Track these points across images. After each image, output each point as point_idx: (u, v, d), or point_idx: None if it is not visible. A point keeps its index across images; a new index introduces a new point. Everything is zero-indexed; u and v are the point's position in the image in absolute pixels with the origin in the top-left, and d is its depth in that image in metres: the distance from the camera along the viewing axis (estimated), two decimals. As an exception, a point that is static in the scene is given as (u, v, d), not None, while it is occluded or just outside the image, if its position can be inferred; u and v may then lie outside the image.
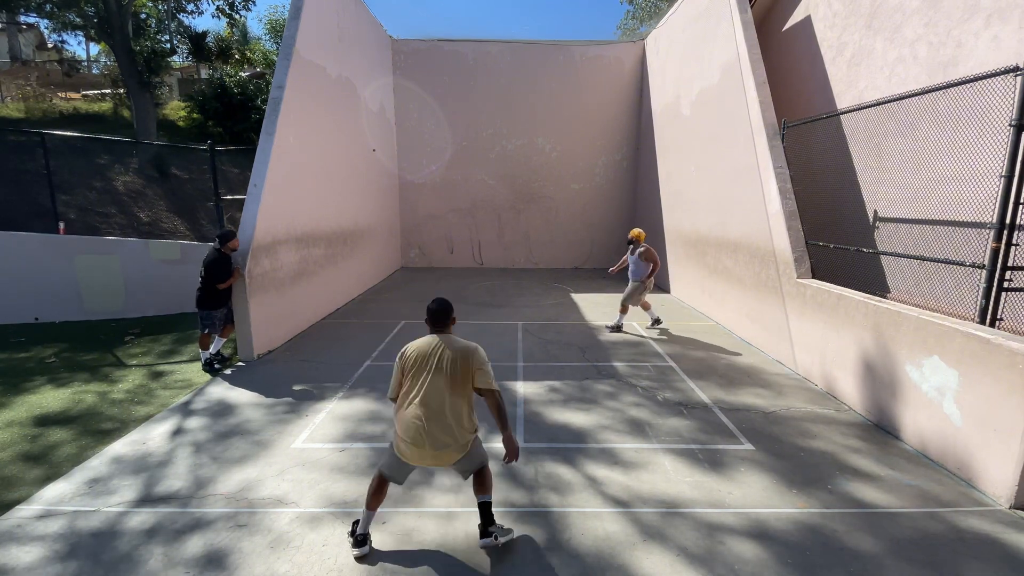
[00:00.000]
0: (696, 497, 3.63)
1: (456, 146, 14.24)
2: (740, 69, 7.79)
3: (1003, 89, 4.36)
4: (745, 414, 5.00)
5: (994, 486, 3.60)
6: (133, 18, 15.86)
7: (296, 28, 7.88)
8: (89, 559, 2.97)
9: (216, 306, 6.16)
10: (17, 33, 26.09)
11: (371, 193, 11.80)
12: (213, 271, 6.02)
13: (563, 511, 3.46)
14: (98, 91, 20.21)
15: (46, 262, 8.20)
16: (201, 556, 3.00)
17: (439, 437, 2.87)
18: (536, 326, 8.23)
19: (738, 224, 7.89)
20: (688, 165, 10.24)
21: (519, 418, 4.88)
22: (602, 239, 14.80)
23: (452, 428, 2.90)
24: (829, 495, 3.67)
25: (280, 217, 7.37)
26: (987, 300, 4.35)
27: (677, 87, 10.96)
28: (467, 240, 14.81)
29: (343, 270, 9.87)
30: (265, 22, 33.09)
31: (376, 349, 7.01)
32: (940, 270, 5.29)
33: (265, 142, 7.14)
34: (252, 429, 4.63)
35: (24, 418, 4.88)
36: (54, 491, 3.66)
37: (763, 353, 6.89)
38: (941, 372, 4.04)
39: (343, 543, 3.11)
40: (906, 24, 6.24)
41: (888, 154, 6.24)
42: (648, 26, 21.62)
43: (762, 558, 3.03)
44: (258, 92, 16.43)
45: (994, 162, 4.53)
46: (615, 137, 14.33)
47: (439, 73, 13.79)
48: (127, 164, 13.43)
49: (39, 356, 6.67)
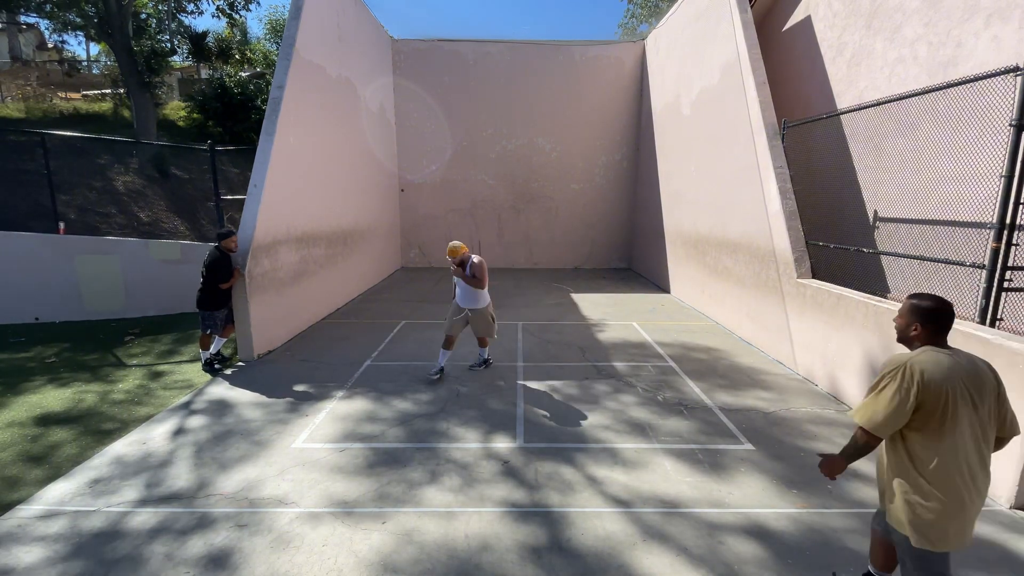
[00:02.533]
0: (696, 497, 3.64)
1: (456, 146, 14.24)
2: (740, 69, 7.79)
3: (1003, 89, 4.36)
4: (745, 414, 5.00)
5: (994, 487, 3.60)
6: (133, 18, 15.85)
7: (296, 28, 7.88)
8: (91, 559, 2.98)
9: (218, 307, 6.15)
10: (17, 33, 26.09)
11: (371, 193, 11.80)
12: (215, 271, 6.01)
13: (563, 511, 3.46)
14: (98, 91, 20.21)
15: (46, 262, 8.20)
16: (202, 556, 3.00)
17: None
18: (536, 326, 8.24)
19: (738, 224, 7.89)
20: (688, 165, 10.25)
21: (519, 418, 4.88)
22: (602, 239, 14.80)
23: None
24: (829, 495, 3.67)
25: (280, 217, 7.37)
26: (987, 300, 4.36)
27: (677, 87, 10.96)
28: (467, 240, 14.78)
29: (343, 270, 9.87)
30: (265, 22, 33.10)
31: (376, 349, 7.01)
32: (940, 270, 5.29)
33: (265, 142, 7.14)
34: (252, 429, 4.63)
35: (25, 418, 4.88)
36: (55, 491, 3.67)
37: (763, 353, 6.90)
38: (941, 372, 4.04)
39: (343, 543, 3.12)
40: (906, 24, 6.24)
41: (888, 154, 6.24)
42: (648, 25, 21.62)
43: (762, 558, 3.03)
44: (258, 92, 16.43)
45: (994, 162, 4.54)
46: (615, 137, 14.33)
47: (439, 73, 13.80)
48: (127, 164, 13.42)
49: (39, 356, 6.67)
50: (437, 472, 3.92)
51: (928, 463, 2.10)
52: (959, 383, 2.05)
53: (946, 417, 2.05)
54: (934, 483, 2.09)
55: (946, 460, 2.07)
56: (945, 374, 2.05)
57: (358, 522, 3.32)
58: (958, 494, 2.07)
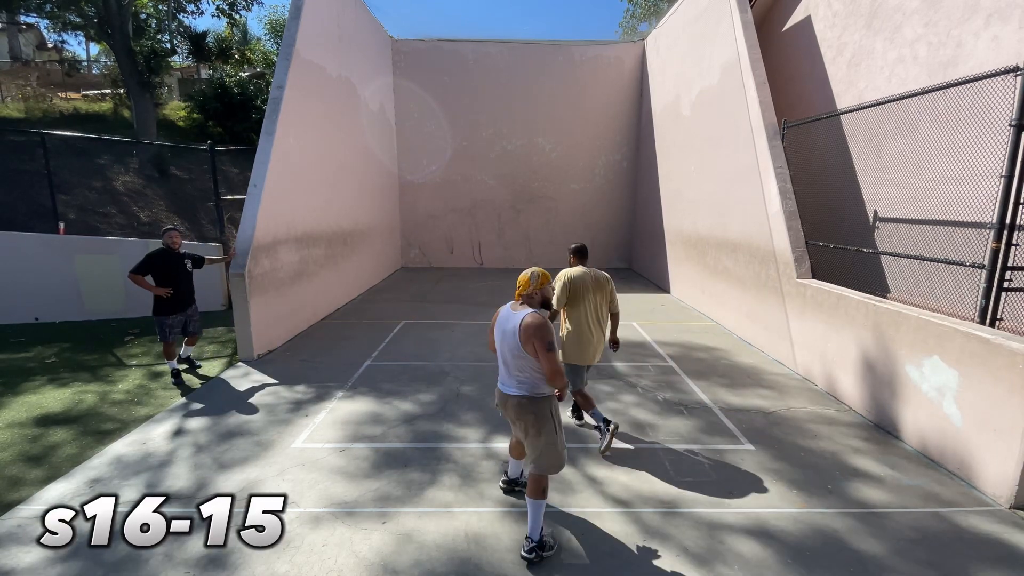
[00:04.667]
0: (697, 497, 3.63)
1: (456, 146, 14.24)
2: (740, 69, 7.79)
3: (1003, 89, 4.37)
4: (745, 414, 5.00)
5: (994, 486, 3.61)
6: (133, 18, 15.84)
7: (296, 28, 7.88)
8: (90, 559, 2.98)
9: (166, 312, 5.62)
10: (17, 33, 26.07)
11: (371, 193, 11.80)
12: (137, 267, 5.45)
13: (564, 511, 3.46)
14: (98, 91, 20.20)
15: (46, 262, 8.20)
16: (202, 556, 3.00)
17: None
18: (536, 326, 8.22)
19: (738, 224, 7.89)
20: (688, 165, 10.25)
21: (519, 418, 4.88)
22: (602, 239, 14.80)
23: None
24: (829, 495, 3.67)
25: (280, 217, 7.37)
26: (987, 300, 4.36)
27: (677, 87, 10.96)
28: (467, 240, 14.81)
29: (343, 270, 9.87)
30: (265, 22, 33.09)
31: (376, 349, 7.01)
32: (940, 270, 5.30)
33: (265, 142, 7.14)
34: (252, 429, 4.63)
35: (24, 418, 4.88)
36: (55, 491, 3.67)
37: (763, 353, 6.90)
38: (941, 372, 4.05)
39: (343, 543, 3.12)
40: (906, 24, 6.24)
41: (888, 154, 6.24)
42: (648, 25, 21.61)
43: (763, 558, 3.03)
44: (258, 92, 16.42)
45: (994, 162, 4.54)
46: (615, 137, 14.33)
47: (439, 73, 13.80)
48: (127, 164, 13.42)
49: (39, 356, 6.67)
50: (438, 472, 3.92)
51: (572, 317, 4.23)
52: (588, 280, 4.18)
53: (579, 297, 4.16)
54: (572, 327, 4.24)
55: (579, 316, 4.19)
56: (581, 277, 4.18)
57: (358, 522, 3.32)
58: (583, 333, 4.20)
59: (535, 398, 2.97)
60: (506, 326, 2.94)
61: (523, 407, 2.97)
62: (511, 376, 2.98)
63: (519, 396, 2.97)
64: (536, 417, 2.95)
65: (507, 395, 3.03)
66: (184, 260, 5.78)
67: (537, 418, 2.95)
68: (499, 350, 3.04)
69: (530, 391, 2.96)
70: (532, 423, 2.95)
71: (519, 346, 2.84)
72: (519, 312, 2.91)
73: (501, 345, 3.00)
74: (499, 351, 3.04)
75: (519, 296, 3.01)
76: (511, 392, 3.00)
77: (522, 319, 2.83)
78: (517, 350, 2.86)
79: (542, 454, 2.97)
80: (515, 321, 2.87)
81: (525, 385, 2.95)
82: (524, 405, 2.96)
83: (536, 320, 2.81)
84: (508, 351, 2.93)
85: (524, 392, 2.96)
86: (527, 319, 2.82)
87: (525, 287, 2.98)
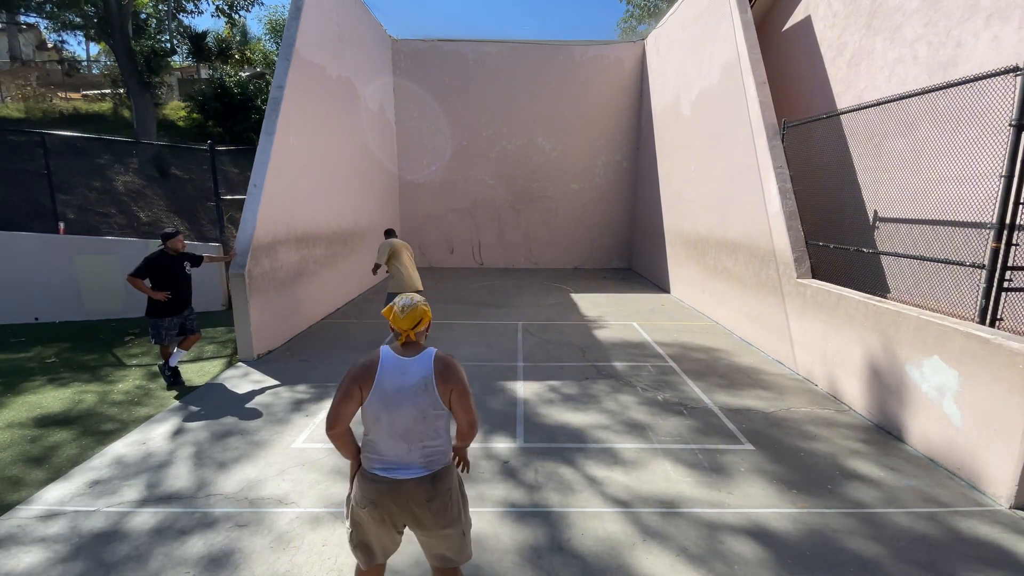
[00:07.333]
0: (696, 497, 3.64)
1: (456, 146, 14.24)
2: (740, 69, 7.79)
3: (1003, 89, 4.37)
4: (745, 414, 5.00)
5: (994, 486, 3.61)
6: (133, 18, 15.84)
7: (296, 28, 7.88)
8: (91, 560, 2.98)
9: (160, 314, 5.49)
10: (17, 33, 26.08)
11: (371, 193, 11.80)
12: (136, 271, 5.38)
13: (563, 511, 3.46)
14: (98, 91, 20.21)
15: (46, 262, 8.20)
16: (203, 556, 3.00)
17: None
18: (536, 326, 8.24)
19: (738, 224, 7.89)
20: (688, 165, 10.25)
21: (519, 418, 4.88)
22: (602, 239, 14.81)
23: None
24: (829, 495, 3.67)
25: (280, 217, 7.37)
26: (987, 300, 4.36)
27: (677, 87, 10.96)
28: (467, 240, 14.81)
29: (343, 270, 9.88)
30: (265, 22, 33.06)
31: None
32: (940, 270, 5.30)
33: (265, 142, 7.14)
34: (252, 429, 4.63)
35: (24, 418, 4.88)
36: (55, 492, 3.67)
37: (763, 353, 6.90)
38: (941, 372, 4.05)
39: (343, 543, 3.11)
40: (906, 24, 6.24)
41: (888, 154, 6.24)
42: (647, 25, 21.62)
43: (762, 558, 3.03)
44: (258, 92, 16.42)
45: (994, 162, 4.54)
46: (615, 137, 14.33)
47: (439, 73, 13.80)
48: (127, 164, 13.42)
49: (39, 356, 6.67)
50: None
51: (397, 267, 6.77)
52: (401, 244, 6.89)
53: (398, 255, 6.78)
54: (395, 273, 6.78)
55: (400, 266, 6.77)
56: (398, 244, 6.85)
57: (358, 522, 3.32)
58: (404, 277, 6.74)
59: (447, 469, 2.19)
60: (403, 381, 2.07)
61: (436, 489, 2.12)
62: (413, 450, 2.10)
63: (428, 476, 2.12)
64: (452, 493, 2.18)
65: (404, 482, 2.09)
66: (183, 262, 5.69)
67: (453, 494, 2.18)
68: (383, 421, 2.08)
69: (441, 462, 2.17)
70: (449, 505, 2.14)
71: (437, 401, 2.08)
72: (420, 355, 2.12)
73: (392, 412, 2.06)
74: (382, 423, 2.08)
75: (413, 334, 2.16)
76: (415, 475, 2.11)
77: (434, 362, 2.10)
78: (434, 407, 2.08)
79: (464, 537, 2.24)
80: (421, 369, 2.09)
81: (435, 456, 2.15)
82: (437, 487, 2.12)
83: (452, 358, 2.16)
84: (414, 415, 2.07)
85: (436, 468, 2.15)
86: (443, 359, 2.13)
87: (427, 321, 2.21)
